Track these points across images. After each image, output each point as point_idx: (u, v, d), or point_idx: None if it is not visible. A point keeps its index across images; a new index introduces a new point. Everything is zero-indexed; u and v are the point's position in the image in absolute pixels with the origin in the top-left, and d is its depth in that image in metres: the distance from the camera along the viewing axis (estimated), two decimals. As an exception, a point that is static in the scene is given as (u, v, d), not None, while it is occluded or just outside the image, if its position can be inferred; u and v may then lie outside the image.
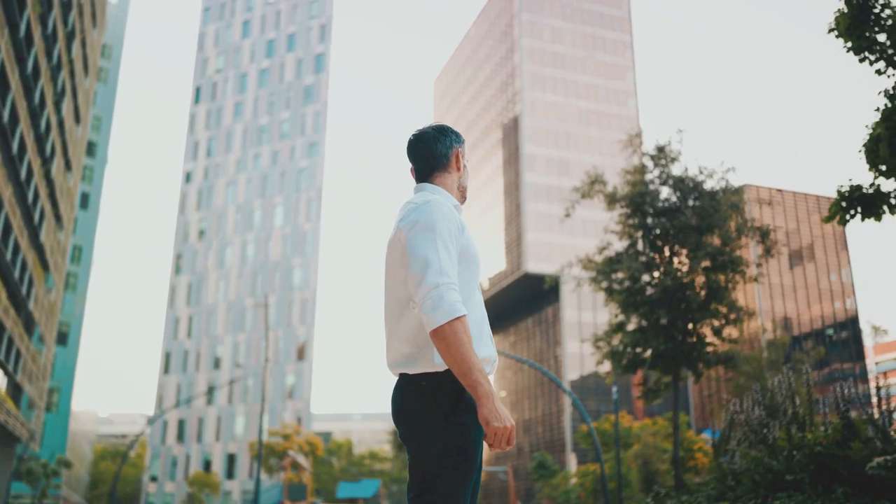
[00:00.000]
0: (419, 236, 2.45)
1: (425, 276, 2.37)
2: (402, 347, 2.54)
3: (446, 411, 2.42)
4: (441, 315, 2.31)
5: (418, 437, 2.43)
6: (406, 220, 2.52)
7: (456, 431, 2.40)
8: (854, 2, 11.02)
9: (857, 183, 12.01)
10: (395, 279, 2.57)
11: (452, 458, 2.39)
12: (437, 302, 2.32)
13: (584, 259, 19.14)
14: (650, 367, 17.58)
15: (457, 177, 2.81)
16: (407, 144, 2.83)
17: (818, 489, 8.80)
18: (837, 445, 9.12)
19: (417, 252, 2.42)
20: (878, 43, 11.24)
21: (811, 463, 9.06)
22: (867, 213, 11.90)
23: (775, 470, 9.34)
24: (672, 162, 18.72)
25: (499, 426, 2.29)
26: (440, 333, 2.31)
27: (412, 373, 2.50)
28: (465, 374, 2.31)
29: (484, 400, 2.30)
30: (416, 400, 2.46)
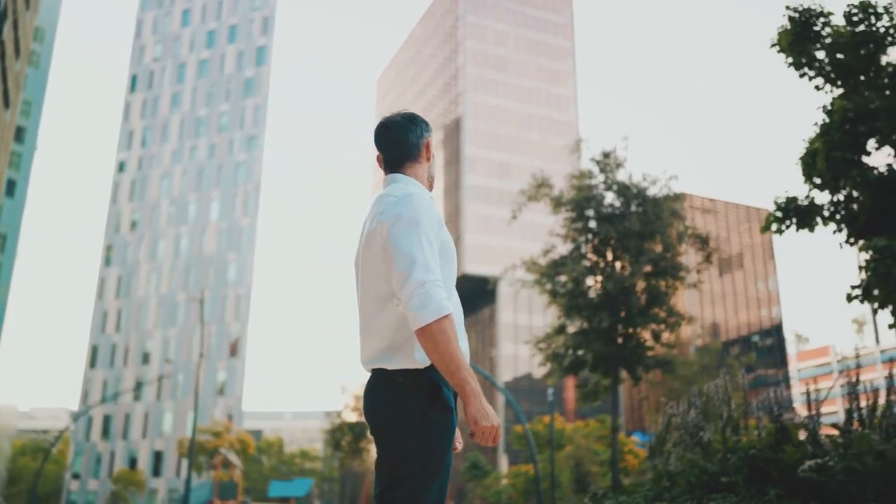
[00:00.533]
0: (403, 231, 2.39)
1: (411, 273, 2.32)
2: (379, 343, 2.49)
3: (422, 409, 2.39)
4: (429, 313, 2.27)
5: (391, 434, 2.39)
6: (388, 213, 2.45)
7: (430, 430, 2.38)
8: (797, 19, 11.37)
9: (793, 195, 12.40)
10: (374, 274, 2.50)
11: (425, 456, 2.36)
12: (425, 300, 2.29)
13: (529, 262, 19.33)
14: (591, 370, 17.86)
15: (427, 167, 2.75)
16: (376, 133, 2.76)
17: (752, 491, 9.03)
18: (771, 449, 9.37)
19: (402, 248, 2.37)
20: (818, 60, 11.63)
21: (745, 465, 9.29)
22: (802, 224, 12.31)
23: (710, 472, 9.53)
24: (617, 168, 19.05)
25: (487, 425, 2.28)
26: (428, 332, 2.28)
27: (390, 368, 2.45)
28: (453, 373, 2.28)
29: (472, 399, 2.28)
30: (392, 396, 2.42)
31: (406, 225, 2.40)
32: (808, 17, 11.26)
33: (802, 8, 11.31)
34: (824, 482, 8.52)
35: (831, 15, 11.33)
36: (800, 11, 11.32)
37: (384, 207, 2.49)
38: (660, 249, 18.30)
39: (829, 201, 11.88)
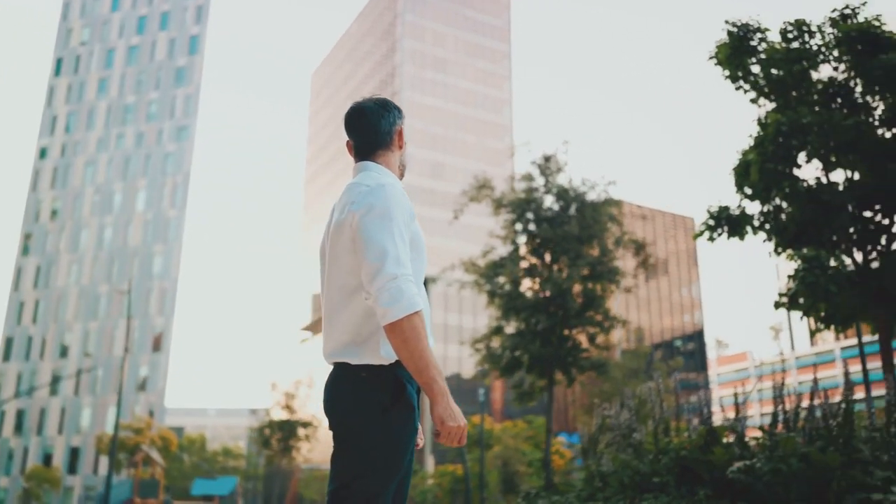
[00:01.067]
0: (375, 223, 2.31)
1: (383, 267, 2.25)
2: (343, 336, 2.41)
3: (385, 406, 2.33)
4: (400, 309, 2.21)
5: (351, 430, 2.33)
6: (360, 203, 2.37)
7: (391, 428, 2.32)
8: (735, 33, 11.71)
9: (725, 205, 12.76)
10: (342, 266, 2.42)
11: (384, 454, 2.31)
12: (396, 294, 2.22)
13: (468, 262, 19.44)
14: (527, 371, 18.06)
15: (399, 155, 2.68)
16: (347, 118, 2.67)
17: (682, 491, 9.26)
18: (700, 450, 9.62)
19: (373, 240, 2.29)
20: (753, 74, 12.00)
21: (676, 466, 9.53)
22: (733, 233, 12.68)
23: (643, 472, 9.76)
24: (557, 172, 19.31)
25: (453, 425, 2.24)
26: (398, 328, 2.21)
27: (354, 363, 2.38)
28: (421, 371, 2.23)
29: (440, 398, 2.24)
30: (354, 391, 2.35)
31: (378, 216, 2.32)
32: (746, 32, 11.61)
33: (741, 23, 11.66)
34: (751, 483, 8.78)
35: (767, 31, 11.72)
36: (738, 26, 11.67)
37: (355, 197, 2.41)
38: (597, 254, 18.65)
39: (759, 211, 12.27)
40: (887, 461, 8.51)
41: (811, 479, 8.46)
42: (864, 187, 10.93)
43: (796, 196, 11.12)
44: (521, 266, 18.82)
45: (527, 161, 20.43)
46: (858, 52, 10.86)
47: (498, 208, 19.41)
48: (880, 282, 10.49)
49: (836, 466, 8.42)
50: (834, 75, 11.62)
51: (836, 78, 11.55)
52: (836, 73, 11.52)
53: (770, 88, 11.58)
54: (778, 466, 8.63)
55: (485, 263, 19.19)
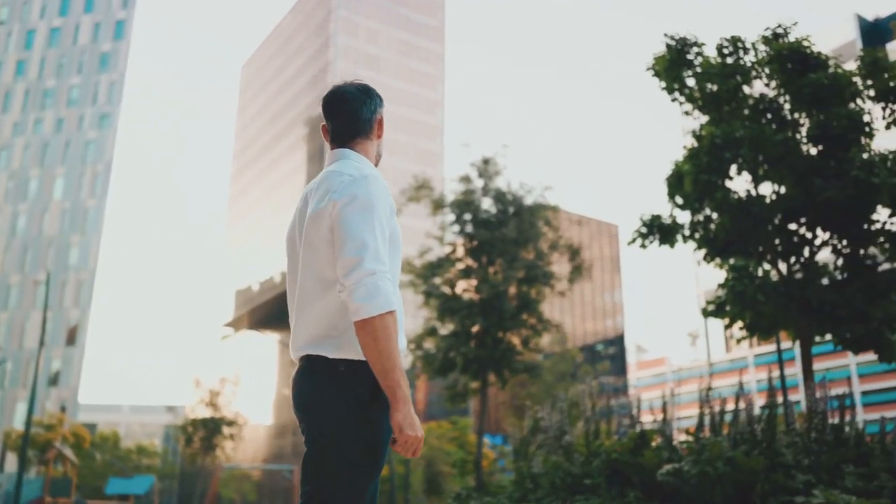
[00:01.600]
0: (356, 215, 2.23)
1: (362, 261, 2.17)
2: (318, 329, 2.32)
3: (363, 404, 2.25)
4: (374, 306, 2.14)
5: (328, 428, 2.23)
6: (342, 193, 2.27)
7: (369, 427, 2.25)
8: (674, 46, 12.01)
9: (657, 213, 13.06)
10: (319, 256, 2.32)
11: (362, 455, 2.23)
12: (373, 291, 2.14)
13: (404, 262, 19.43)
14: (461, 372, 18.13)
15: (377, 144, 2.59)
16: (327, 102, 2.55)
17: (613, 493, 9.44)
18: (631, 453, 9.82)
19: (353, 232, 2.21)
20: (688, 87, 12.33)
21: (607, 468, 9.71)
22: (664, 241, 12.98)
23: (574, 474, 9.92)
24: (496, 175, 19.48)
25: (411, 434, 2.17)
26: (369, 325, 2.13)
27: (331, 357, 2.28)
28: (387, 373, 2.16)
29: (401, 404, 2.16)
30: (331, 387, 2.25)
31: (360, 208, 2.24)
32: (683, 45, 11.92)
33: (678, 37, 11.98)
34: (680, 485, 9.00)
35: (703, 46, 12.06)
36: (676, 40, 11.98)
37: (337, 186, 2.31)
38: (532, 257, 18.88)
39: (690, 221, 12.60)
40: (808, 465, 8.83)
41: (736, 482, 8.72)
42: (790, 201, 11.35)
43: (727, 207, 11.47)
44: (457, 267, 18.93)
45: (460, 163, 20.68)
46: (789, 71, 11.28)
47: (437, 209, 19.47)
48: (803, 292, 10.91)
49: (760, 470, 8.70)
50: (765, 92, 12.04)
51: (767, 94, 11.96)
52: (768, 89, 11.95)
53: (704, 102, 11.92)
54: (705, 470, 8.87)
55: (421, 264, 19.21)
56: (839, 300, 10.73)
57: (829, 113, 10.99)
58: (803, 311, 10.94)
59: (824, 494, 7.84)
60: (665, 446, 9.79)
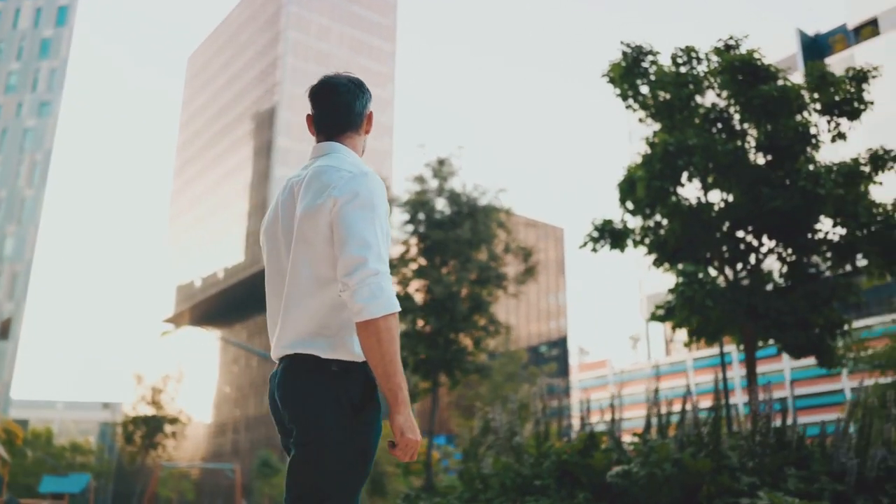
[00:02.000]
0: (358, 213, 2.16)
1: (366, 261, 2.10)
2: (309, 328, 2.23)
3: (355, 407, 2.17)
4: (378, 307, 2.07)
5: (320, 431, 2.14)
6: (343, 189, 2.19)
7: (362, 431, 2.18)
8: (630, 54, 12.19)
9: (609, 218, 13.24)
10: (316, 253, 2.23)
11: (355, 459, 2.17)
12: (377, 291, 2.08)
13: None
14: (413, 372, 18.07)
15: (364, 139, 2.53)
16: (318, 92, 2.46)
17: (562, 494, 9.52)
18: (580, 455, 9.93)
19: (355, 230, 2.14)
20: (642, 94, 12.53)
21: (557, 470, 9.79)
22: (615, 245, 13.16)
23: (524, 475, 9.97)
24: (450, 176, 19.49)
25: (412, 438, 2.12)
26: (372, 327, 2.06)
27: (324, 356, 2.20)
28: (390, 376, 2.09)
29: (403, 407, 2.11)
30: (323, 388, 2.17)
31: (362, 206, 2.18)
32: (639, 53, 12.11)
33: (634, 45, 12.16)
34: (628, 487, 9.12)
35: (658, 55, 12.27)
36: (632, 48, 12.15)
37: (337, 182, 2.22)
38: (485, 259, 18.94)
39: (640, 226, 12.80)
40: (752, 468, 9.04)
41: (683, 484, 8.87)
42: (738, 209, 11.61)
43: (678, 213, 11.68)
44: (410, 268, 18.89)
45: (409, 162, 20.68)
46: (740, 82, 11.54)
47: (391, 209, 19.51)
48: (749, 298, 11.18)
49: (706, 472, 8.86)
50: (716, 101, 12.30)
51: (718, 104, 12.22)
52: (719, 99, 12.20)
53: (657, 109, 12.12)
54: (653, 471, 9.00)
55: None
56: (784, 307, 11.01)
57: (777, 124, 11.28)
58: (750, 317, 11.20)
59: (769, 496, 8.03)
60: (614, 448, 9.91)
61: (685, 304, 10.33)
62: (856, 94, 11.55)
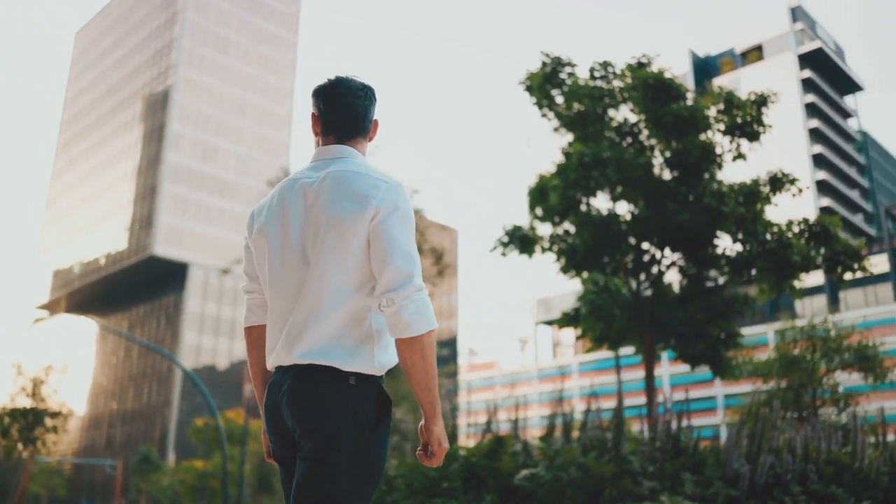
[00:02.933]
0: (399, 226, 2.12)
1: (413, 276, 2.07)
2: (330, 337, 2.15)
3: (372, 422, 2.14)
4: (425, 323, 2.06)
5: (336, 446, 2.09)
6: (385, 200, 2.13)
7: (377, 447, 2.14)
8: (548, 64, 12.40)
9: (519, 224, 13.43)
10: (347, 262, 2.14)
11: (368, 475, 2.14)
12: (422, 308, 2.06)
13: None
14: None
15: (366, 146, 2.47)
16: (330, 92, 2.35)
17: (469, 496, 9.58)
18: (487, 457, 10.02)
19: (400, 243, 2.09)
20: (558, 104, 12.77)
21: (465, 472, 9.85)
22: (524, 250, 13.36)
23: (432, 477, 9.98)
24: None
25: (446, 447, 2.16)
26: (418, 343, 2.06)
27: (344, 368, 2.14)
28: (429, 389, 2.11)
29: (439, 418, 2.15)
30: (341, 401, 2.10)
31: (402, 219, 2.14)
32: (558, 64, 12.33)
33: (553, 56, 12.38)
34: (534, 490, 9.28)
35: (576, 67, 12.53)
36: (552, 59, 12.37)
37: (375, 191, 2.15)
38: None
39: (551, 233, 13.04)
40: (653, 472, 9.35)
41: (587, 488, 9.10)
42: (645, 222, 12.00)
43: (589, 223, 11.97)
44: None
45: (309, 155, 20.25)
46: (651, 99, 11.93)
47: None
48: (652, 308, 11.57)
49: (609, 476, 9.11)
50: (628, 117, 12.67)
51: (629, 119, 12.60)
52: (631, 114, 12.58)
53: (571, 120, 12.38)
54: (559, 475, 9.19)
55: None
56: (684, 318, 11.45)
57: (686, 142, 11.73)
58: (652, 326, 11.59)
59: (671, 500, 8.33)
60: (521, 451, 10.05)
61: (593, 311, 10.60)
62: (756, 117, 12.15)
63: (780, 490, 9.78)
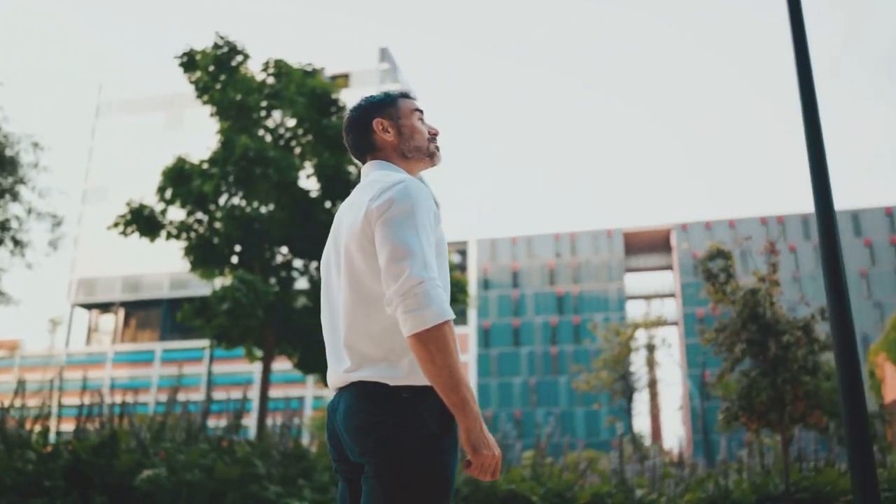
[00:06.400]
0: (396, 221, 2.05)
1: (410, 269, 1.98)
2: (373, 353, 2.08)
3: (434, 436, 2.04)
4: (430, 316, 1.95)
5: (396, 465, 1.98)
6: (379, 199, 2.09)
7: (442, 461, 2.03)
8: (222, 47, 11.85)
9: (147, 203, 12.53)
10: (364, 270, 2.10)
11: (441, 490, 2.03)
12: (424, 300, 1.96)
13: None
14: None
15: (406, 138, 2.45)
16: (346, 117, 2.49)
17: (74, 497, 8.68)
18: (95, 454, 9.17)
19: (396, 238, 2.02)
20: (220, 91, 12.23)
21: (69, 470, 8.88)
22: (146, 233, 12.50)
23: (28, 473, 8.75)
24: None
25: (488, 454, 2.00)
26: (424, 338, 1.95)
27: (393, 384, 2.05)
28: (452, 389, 1.97)
29: (471, 421, 1.99)
30: (396, 418, 2.02)
31: (399, 213, 2.07)
32: (231, 50, 11.79)
33: (229, 40, 11.81)
34: (153, 492, 8.80)
35: (249, 59, 12.09)
36: (227, 42, 11.79)
37: (374, 195, 2.14)
38: None
39: (183, 221, 12.36)
40: (278, 476, 9.46)
41: (211, 491, 8.87)
42: (289, 226, 12.08)
43: (234, 218, 11.63)
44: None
45: None
46: (315, 108, 12.08)
47: None
48: (284, 312, 11.64)
49: (235, 479, 9.02)
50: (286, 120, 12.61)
51: (288, 123, 12.58)
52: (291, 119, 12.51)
53: (233, 111, 11.94)
54: (185, 477, 8.83)
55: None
56: (312, 325, 11.74)
57: (342, 157, 12.10)
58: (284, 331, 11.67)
59: (300, 506, 8.54)
60: (138, 449, 9.42)
61: (236, 309, 10.26)
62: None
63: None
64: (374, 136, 2.38)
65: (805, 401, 8.36)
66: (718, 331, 8.84)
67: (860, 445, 4.84)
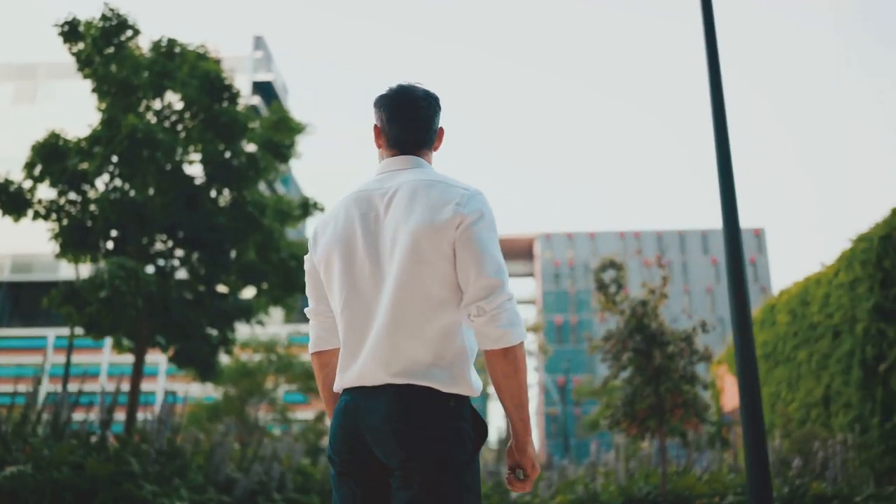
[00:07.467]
0: (486, 233, 2.04)
1: (503, 285, 2.01)
2: (426, 356, 2.02)
3: (475, 445, 2.04)
4: (518, 334, 2.00)
5: (444, 471, 1.96)
6: (470, 207, 2.05)
7: (475, 469, 2.04)
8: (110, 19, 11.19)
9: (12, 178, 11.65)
10: (432, 272, 2.03)
11: (473, 498, 2.02)
12: (514, 318, 2.00)
13: None
14: None
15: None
16: (395, 103, 2.24)
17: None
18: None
19: (489, 252, 2.02)
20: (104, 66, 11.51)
21: None
22: (9, 212, 11.64)
23: None
24: None
25: (538, 470, 2.10)
26: (511, 354, 1.99)
27: (445, 390, 2.01)
28: (521, 406, 2.05)
29: (531, 438, 2.08)
30: (447, 425, 1.99)
31: (488, 226, 2.06)
32: (120, 23, 11.07)
33: (119, 13, 11.09)
34: (17, 490, 8.33)
35: (139, 35, 11.39)
36: (116, 14, 11.07)
37: (459, 198, 2.07)
38: None
39: (55, 200, 11.54)
40: (154, 475, 9.06)
41: (79, 490, 8.43)
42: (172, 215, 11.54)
43: (112, 202, 10.96)
44: None
45: None
46: (206, 93, 11.56)
47: None
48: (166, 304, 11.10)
49: (106, 477, 8.62)
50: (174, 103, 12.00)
51: (175, 106, 11.98)
52: (180, 102, 11.90)
53: (117, 88, 11.24)
54: (51, 475, 8.35)
55: None
56: (193, 318, 11.27)
57: (234, 147, 11.66)
58: (160, 322, 11.14)
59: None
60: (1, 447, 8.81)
61: (114, 297, 9.65)
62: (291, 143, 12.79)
63: (265, 497, 10.32)
64: (437, 140, 2.33)
65: (683, 409, 8.82)
66: (606, 339, 9.20)
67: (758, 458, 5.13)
